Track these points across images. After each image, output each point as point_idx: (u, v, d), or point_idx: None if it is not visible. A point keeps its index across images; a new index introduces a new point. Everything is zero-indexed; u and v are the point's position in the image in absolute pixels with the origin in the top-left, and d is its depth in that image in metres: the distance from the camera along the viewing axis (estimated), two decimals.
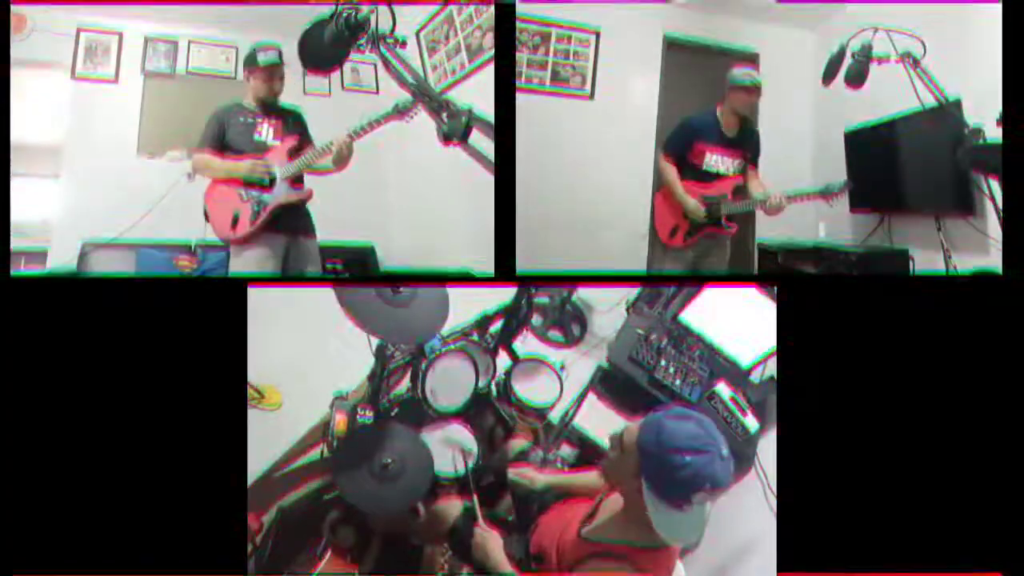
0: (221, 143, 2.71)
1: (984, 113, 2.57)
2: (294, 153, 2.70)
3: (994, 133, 2.35)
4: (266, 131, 2.73)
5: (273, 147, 2.71)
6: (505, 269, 2.53)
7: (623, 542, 1.46)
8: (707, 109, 2.98)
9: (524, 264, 2.63)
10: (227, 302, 2.04)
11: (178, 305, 2.04)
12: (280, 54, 2.70)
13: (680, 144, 2.97)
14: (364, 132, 2.52)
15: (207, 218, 2.71)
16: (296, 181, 2.71)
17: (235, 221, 2.64)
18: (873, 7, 3.25)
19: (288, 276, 2.73)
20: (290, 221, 2.71)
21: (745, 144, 2.96)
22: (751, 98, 2.88)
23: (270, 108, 2.76)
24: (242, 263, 2.68)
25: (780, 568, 1.91)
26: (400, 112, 2.35)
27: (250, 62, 2.72)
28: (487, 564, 1.74)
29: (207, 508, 1.94)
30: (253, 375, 2.15)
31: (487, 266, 2.59)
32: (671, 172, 2.96)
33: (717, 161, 2.93)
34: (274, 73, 2.71)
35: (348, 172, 2.67)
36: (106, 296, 2.06)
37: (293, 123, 2.80)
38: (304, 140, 2.78)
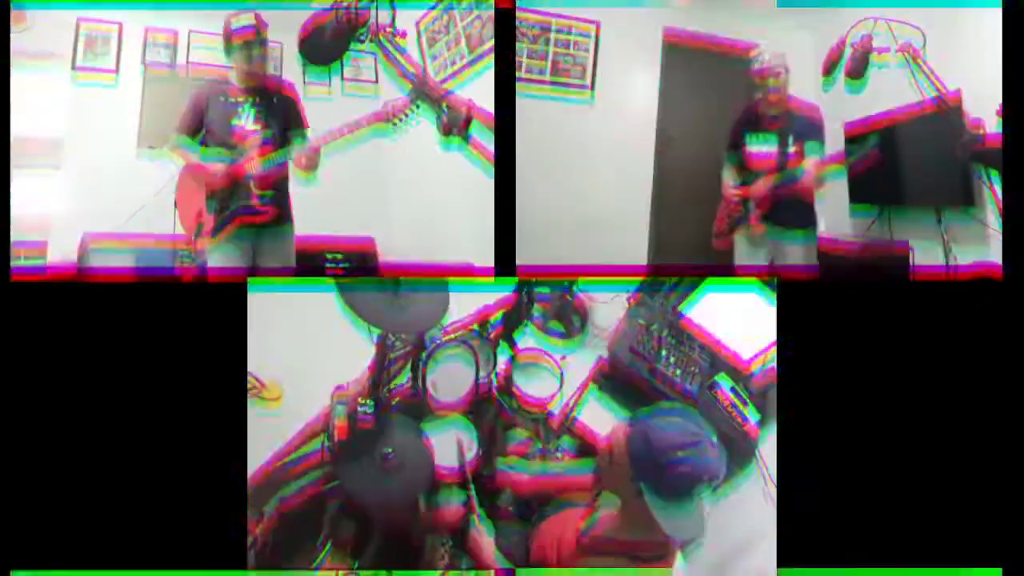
0: (199, 125, 2.55)
1: (984, 108, 2.58)
2: (270, 140, 2.52)
3: (994, 128, 2.35)
4: (246, 115, 2.53)
5: (251, 133, 2.51)
6: (506, 264, 2.53)
7: (623, 537, 1.48)
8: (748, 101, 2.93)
9: (524, 261, 2.63)
10: (227, 299, 2.05)
11: (178, 303, 2.04)
12: (257, 19, 2.48)
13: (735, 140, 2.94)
14: (335, 136, 2.35)
15: (175, 206, 2.61)
16: (269, 191, 2.53)
17: (200, 219, 2.54)
18: (873, 10, 3.26)
19: (288, 273, 2.69)
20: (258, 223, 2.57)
21: (786, 127, 2.86)
22: (777, 98, 2.80)
23: (255, 84, 2.56)
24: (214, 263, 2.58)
25: (780, 564, 1.91)
26: (388, 113, 2.18)
27: (225, 31, 2.50)
28: (478, 560, 1.76)
29: (207, 503, 1.95)
30: (253, 370, 2.15)
31: (487, 262, 2.60)
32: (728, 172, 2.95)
33: (760, 150, 2.88)
34: (251, 40, 2.48)
35: (348, 171, 2.62)
36: (106, 295, 2.06)
37: (278, 103, 2.59)
38: (290, 123, 2.60)
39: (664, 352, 2.50)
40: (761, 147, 2.87)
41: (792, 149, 2.83)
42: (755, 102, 2.87)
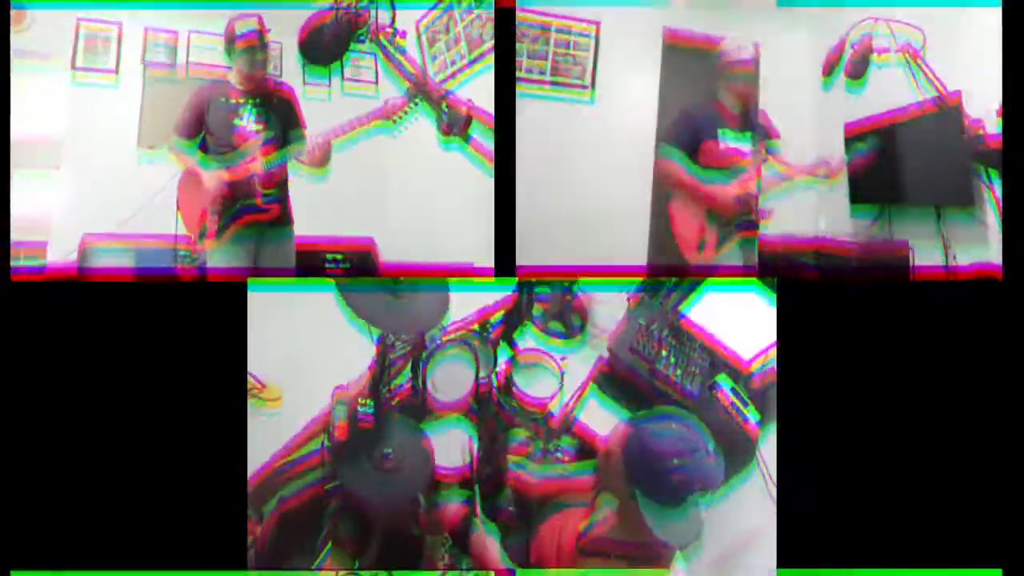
0: (200, 127, 2.56)
1: (984, 107, 2.58)
2: (272, 141, 2.55)
3: (994, 128, 2.36)
4: (247, 115, 2.55)
5: (252, 134, 2.53)
6: (505, 264, 2.53)
7: (621, 539, 1.49)
8: (706, 102, 2.77)
9: (524, 260, 2.63)
10: (227, 299, 2.04)
11: (178, 303, 2.04)
12: (260, 22, 2.50)
13: (686, 141, 2.71)
14: (343, 131, 2.37)
15: (178, 207, 2.61)
16: (273, 186, 2.55)
17: (204, 221, 2.54)
18: (873, 10, 3.26)
19: (288, 274, 2.69)
20: (262, 221, 2.59)
21: (754, 128, 2.76)
22: (748, 89, 2.70)
23: (256, 87, 2.57)
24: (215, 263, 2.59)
25: (780, 565, 1.91)
26: (388, 110, 2.20)
27: (228, 34, 2.51)
28: (483, 561, 1.76)
29: (207, 503, 1.95)
30: (254, 370, 2.15)
31: (487, 263, 2.59)
32: (680, 171, 2.69)
33: (732, 155, 2.70)
34: (254, 43, 2.49)
35: (349, 171, 2.62)
36: (106, 295, 2.06)
37: (278, 104, 2.61)
38: (289, 124, 2.62)
39: (664, 352, 2.50)
40: (733, 145, 2.71)
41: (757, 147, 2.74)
42: (716, 101, 2.75)
